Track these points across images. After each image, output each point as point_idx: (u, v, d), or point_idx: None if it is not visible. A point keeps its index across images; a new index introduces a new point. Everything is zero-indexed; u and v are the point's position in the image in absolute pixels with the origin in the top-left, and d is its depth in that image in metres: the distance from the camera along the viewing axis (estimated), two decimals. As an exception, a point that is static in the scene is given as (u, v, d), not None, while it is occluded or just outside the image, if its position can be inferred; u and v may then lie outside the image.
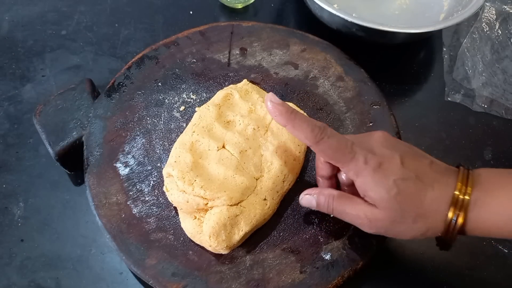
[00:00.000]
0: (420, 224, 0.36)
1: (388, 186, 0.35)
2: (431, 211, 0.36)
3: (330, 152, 0.37)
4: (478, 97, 0.59)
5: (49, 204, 0.49)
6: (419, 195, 0.35)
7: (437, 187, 0.36)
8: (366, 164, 0.36)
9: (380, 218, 0.36)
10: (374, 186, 0.36)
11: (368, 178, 0.36)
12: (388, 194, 0.35)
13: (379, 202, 0.36)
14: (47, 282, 0.45)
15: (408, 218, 0.36)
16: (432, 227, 0.36)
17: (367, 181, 0.36)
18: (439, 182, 0.36)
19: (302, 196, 0.42)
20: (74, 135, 0.48)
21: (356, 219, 0.38)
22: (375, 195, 0.36)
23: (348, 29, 0.56)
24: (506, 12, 0.65)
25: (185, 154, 0.43)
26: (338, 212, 0.39)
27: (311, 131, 0.36)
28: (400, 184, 0.35)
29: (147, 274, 0.41)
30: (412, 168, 0.36)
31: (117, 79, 0.52)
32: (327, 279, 0.41)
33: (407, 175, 0.36)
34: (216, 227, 0.40)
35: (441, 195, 0.35)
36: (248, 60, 0.55)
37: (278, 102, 0.37)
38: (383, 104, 0.52)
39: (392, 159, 0.36)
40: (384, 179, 0.35)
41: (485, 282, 0.47)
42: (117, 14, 0.64)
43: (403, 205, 0.35)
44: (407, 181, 0.35)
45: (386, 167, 0.36)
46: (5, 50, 0.60)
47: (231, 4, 0.65)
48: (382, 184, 0.35)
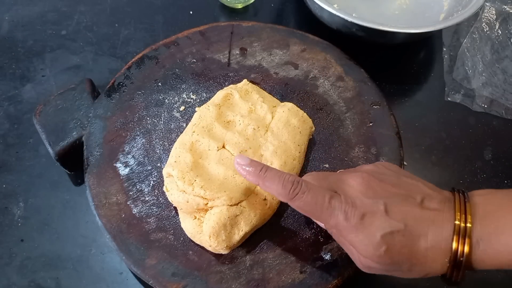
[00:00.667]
0: (417, 270, 0.34)
1: (376, 244, 0.32)
2: (428, 260, 0.33)
3: (307, 209, 0.35)
4: (478, 97, 0.59)
5: (49, 204, 0.49)
6: (411, 247, 0.32)
7: (431, 233, 0.33)
8: (347, 221, 0.33)
9: (374, 267, 0.34)
10: (360, 244, 0.33)
11: (352, 235, 0.33)
12: (377, 252, 0.32)
13: (369, 257, 0.33)
14: (47, 282, 0.45)
15: (402, 268, 0.33)
16: (431, 272, 0.33)
17: (352, 239, 0.34)
18: (433, 224, 0.33)
19: None
20: (74, 135, 0.48)
21: (351, 256, 0.36)
22: (363, 252, 0.33)
23: (348, 29, 0.56)
24: (506, 12, 0.65)
25: (185, 154, 0.43)
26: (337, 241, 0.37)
27: (282, 188, 0.34)
28: (389, 239, 0.32)
29: (147, 274, 0.41)
30: (399, 216, 0.33)
31: (117, 79, 0.52)
32: (327, 279, 0.41)
33: (395, 227, 0.32)
34: (216, 227, 0.40)
35: (437, 243, 0.32)
36: (248, 60, 0.55)
37: (245, 163, 0.36)
38: (383, 104, 0.52)
39: (376, 210, 0.33)
40: (370, 236, 0.33)
41: (485, 282, 0.47)
42: (117, 14, 0.64)
43: (395, 259, 0.33)
44: (395, 234, 0.32)
45: (370, 222, 0.33)
46: (5, 50, 0.60)
47: (231, 4, 0.65)
48: (368, 242, 0.33)
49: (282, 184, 0.35)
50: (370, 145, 0.49)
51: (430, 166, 0.54)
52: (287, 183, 0.35)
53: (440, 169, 0.54)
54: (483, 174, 0.53)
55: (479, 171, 0.54)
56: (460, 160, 0.55)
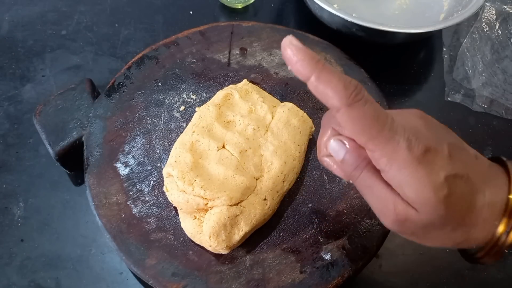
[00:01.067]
0: (460, 233, 0.29)
1: (437, 185, 0.27)
2: (480, 220, 0.29)
3: (363, 123, 0.27)
4: (478, 97, 0.59)
5: (49, 204, 0.49)
6: (471, 200, 0.29)
7: (488, 191, 0.29)
8: (410, 151, 0.27)
9: (414, 220, 0.28)
10: (416, 183, 0.27)
11: (409, 170, 0.27)
12: (436, 196, 0.27)
13: (419, 203, 0.28)
14: (47, 282, 0.45)
15: (448, 225, 0.29)
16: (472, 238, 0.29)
17: (407, 174, 0.27)
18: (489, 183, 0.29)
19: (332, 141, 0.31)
20: (74, 135, 0.48)
21: (381, 206, 0.29)
22: (416, 194, 0.27)
23: (348, 29, 0.56)
24: (506, 12, 0.65)
25: (185, 154, 0.43)
26: (363, 185, 0.30)
27: (344, 88, 0.27)
28: (452, 183, 0.27)
29: (147, 274, 0.41)
30: (462, 163, 0.29)
31: (117, 79, 0.52)
32: (327, 279, 0.41)
33: (460, 172, 0.28)
34: (216, 227, 0.40)
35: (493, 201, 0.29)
36: (248, 60, 0.55)
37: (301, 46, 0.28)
38: (383, 104, 0.52)
39: (440, 148, 0.28)
40: (431, 175, 0.27)
41: (485, 282, 0.47)
42: (117, 14, 0.64)
43: (451, 210, 0.28)
44: (459, 180, 0.28)
45: (433, 159, 0.28)
46: (5, 50, 0.60)
47: (231, 4, 0.65)
48: (429, 182, 0.27)
49: (343, 83, 0.27)
50: (370, 145, 0.49)
51: (430, 166, 0.54)
52: (349, 85, 0.27)
53: (440, 169, 0.54)
54: (483, 174, 0.53)
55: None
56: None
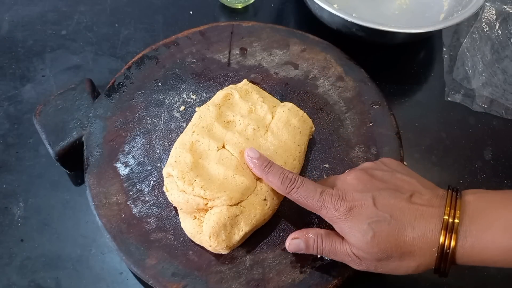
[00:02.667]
0: (408, 261, 0.36)
1: (363, 230, 0.35)
2: (417, 249, 0.35)
3: (301, 202, 0.39)
4: (478, 97, 0.59)
5: (49, 204, 0.49)
6: (398, 235, 0.35)
7: (418, 224, 0.35)
8: (336, 211, 0.37)
9: (366, 258, 0.36)
10: (350, 232, 0.36)
11: (342, 224, 0.37)
12: (365, 238, 0.35)
13: (359, 246, 0.36)
14: (47, 282, 0.45)
15: (393, 257, 0.36)
16: (422, 263, 0.36)
17: (342, 227, 0.37)
18: (421, 217, 0.35)
19: (289, 242, 0.41)
20: (74, 135, 0.48)
21: (345, 256, 0.38)
22: (353, 240, 0.36)
23: (348, 29, 0.56)
24: (506, 12, 0.65)
25: (185, 154, 0.43)
26: (328, 251, 0.39)
27: (281, 184, 0.39)
28: (375, 226, 0.35)
29: (147, 274, 0.41)
30: (386, 208, 0.36)
31: (117, 79, 0.52)
32: (327, 279, 0.41)
33: (381, 216, 0.35)
34: (216, 227, 0.40)
35: (424, 233, 0.35)
36: (248, 60, 0.55)
37: (254, 157, 0.42)
38: (383, 104, 0.52)
39: (364, 202, 0.36)
40: (358, 224, 0.36)
41: (485, 282, 0.47)
42: (117, 14, 0.64)
43: (382, 246, 0.35)
44: (381, 222, 0.35)
45: (358, 211, 0.36)
46: (5, 50, 0.60)
47: (231, 4, 0.65)
48: (357, 229, 0.36)
49: (281, 180, 0.40)
50: (370, 145, 0.49)
51: (430, 166, 0.54)
52: (285, 179, 0.39)
53: (440, 169, 0.54)
54: (483, 174, 0.53)
55: (479, 171, 0.54)
56: (460, 160, 0.55)
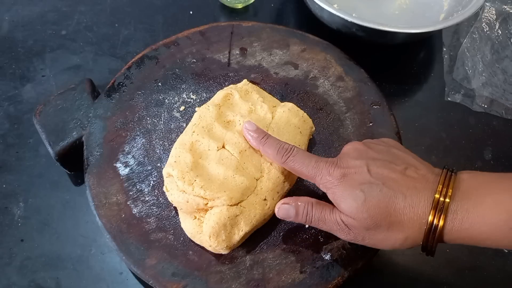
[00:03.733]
0: (396, 232, 0.36)
1: (355, 194, 0.36)
2: (406, 219, 0.35)
3: (297, 169, 0.40)
4: (478, 97, 0.59)
5: (49, 204, 0.49)
6: (389, 203, 0.35)
7: (410, 195, 0.35)
8: (330, 176, 0.37)
9: (355, 226, 0.37)
10: (341, 196, 0.37)
11: (335, 189, 0.37)
12: (356, 202, 0.36)
13: (349, 211, 0.36)
14: (47, 282, 0.45)
15: (382, 226, 0.36)
16: (410, 236, 0.36)
17: (335, 192, 0.37)
18: (414, 188, 0.35)
19: (279, 206, 0.41)
20: (74, 135, 0.48)
21: (334, 225, 0.38)
22: (344, 205, 0.37)
23: (348, 29, 0.56)
24: (506, 12, 0.65)
25: (185, 154, 0.43)
26: (317, 219, 0.39)
27: (277, 153, 0.40)
28: (367, 191, 0.35)
29: (147, 274, 0.41)
30: (379, 176, 0.36)
31: (117, 79, 0.52)
32: (327, 279, 0.41)
33: (374, 183, 0.36)
34: (216, 227, 0.40)
35: (415, 203, 0.35)
36: (248, 60, 0.55)
37: (252, 129, 0.43)
38: (383, 104, 0.52)
39: (358, 168, 0.37)
40: (350, 188, 0.36)
41: (485, 282, 0.47)
42: (117, 14, 0.64)
43: (372, 212, 0.35)
44: (374, 188, 0.35)
45: (351, 177, 0.37)
46: (5, 50, 0.60)
47: (231, 4, 0.65)
48: (349, 193, 0.36)
49: (277, 150, 0.41)
50: (370, 145, 0.49)
51: (430, 166, 0.54)
52: (281, 149, 0.40)
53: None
54: (483, 174, 0.53)
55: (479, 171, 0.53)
56: (460, 160, 0.55)
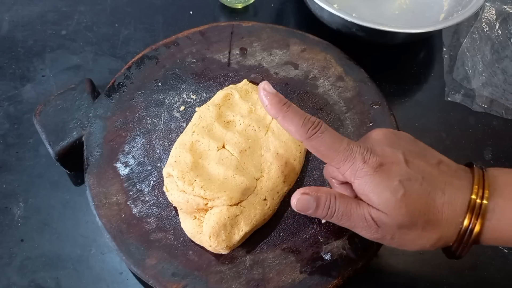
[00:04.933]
0: (431, 232, 0.32)
1: (393, 188, 0.32)
2: (443, 218, 0.32)
3: (323, 149, 0.33)
4: (478, 97, 0.59)
5: (49, 204, 0.49)
6: (428, 199, 0.32)
7: (448, 191, 0.32)
8: (365, 163, 0.32)
9: (387, 223, 0.32)
10: (376, 188, 0.32)
11: (369, 179, 0.32)
12: (394, 196, 0.31)
13: (384, 205, 0.32)
14: (47, 282, 0.45)
15: (417, 224, 0.32)
16: (444, 236, 0.33)
17: (368, 183, 0.32)
18: (450, 185, 0.33)
19: (297, 197, 0.35)
20: (74, 135, 0.48)
21: (360, 221, 0.33)
22: (378, 198, 0.32)
23: (348, 29, 0.56)
24: (506, 12, 0.65)
25: (185, 154, 0.43)
26: (341, 213, 0.34)
27: (302, 125, 0.33)
28: (407, 185, 0.32)
29: (147, 274, 0.41)
30: (418, 168, 0.33)
31: (117, 79, 0.52)
32: (327, 279, 0.41)
33: (413, 176, 0.32)
34: (216, 227, 0.40)
35: (453, 200, 0.32)
36: (248, 60, 0.55)
37: (272, 91, 0.34)
38: (383, 104, 0.52)
39: (395, 158, 0.33)
40: (388, 180, 0.32)
41: (485, 282, 0.47)
42: (117, 14, 0.64)
43: (411, 208, 0.32)
44: (413, 182, 0.32)
45: (389, 168, 0.32)
46: (5, 50, 0.60)
47: (231, 4, 0.65)
48: (386, 186, 0.32)
49: (302, 121, 0.33)
50: (370, 145, 0.49)
51: (430, 166, 0.54)
52: (307, 121, 0.33)
53: (440, 169, 0.54)
54: (483, 174, 0.53)
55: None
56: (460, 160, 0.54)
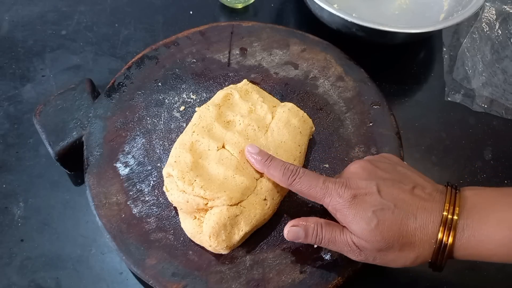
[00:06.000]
0: (408, 252, 0.36)
1: (367, 218, 0.35)
2: (417, 240, 0.35)
3: (304, 191, 0.39)
4: (478, 97, 0.59)
5: (49, 204, 0.49)
6: (401, 225, 0.35)
7: (420, 215, 0.35)
8: (340, 197, 0.37)
9: (367, 247, 0.36)
10: (353, 219, 0.36)
11: (346, 211, 0.36)
12: (369, 226, 0.35)
13: (361, 233, 0.36)
14: (47, 282, 0.45)
15: (394, 247, 0.36)
16: (421, 255, 0.36)
17: (346, 214, 0.37)
18: (422, 209, 0.36)
19: (288, 229, 0.39)
20: (74, 135, 0.48)
21: (345, 246, 0.38)
22: (356, 227, 0.36)
23: (348, 29, 0.56)
24: (506, 12, 0.65)
25: (185, 154, 0.43)
26: (327, 240, 0.38)
27: (283, 175, 0.39)
28: (379, 214, 0.35)
29: (147, 274, 0.41)
30: (390, 197, 0.36)
31: (117, 79, 0.52)
32: (327, 279, 0.41)
33: (385, 205, 0.36)
34: (216, 227, 0.40)
35: (425, 224, 0.35)
36: (248, 60, 0.55)
37: (255, 152, 0.42)
38: (383, 104, 0.52)
39: (368, 190, 0.37)
40: (362, 211, 0.36)
41: (485, 282, 0.47)
42: (117, 14, 0.64)
43: (385, 235, 0.35)
44: (386, 211, 0.35)
45: (362, 199, 0.36)
46: (5, 50, 0.60)
47: (231, 4, 0.65)
48: (361, 216, 0.36)
49: (283, 172, 0.40)
50: (370, 145, 0.49)
51: (430, 166, 0.54)
52: (286, 171, 0.40)
53: (440, 169, 0.54)
54: (483, 174, 0.53)
55: (479, 171, 0.54)
56: (460, 160, 0.55)
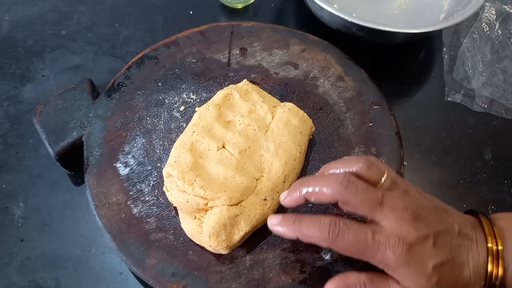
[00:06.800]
0: None
1: (427, 275, 0.32)
2: (469, 285, 0.34)
3: (351, 249, 0.33)
4: (478, 97, 0.59)
5: (49, 204, 0.49)
6: (458, 276, 0.33)
7: (471, 260, 0.34)
8: (395, 255, 0.32)
9: None
10: (410, 276, 0.32)
11: (402, 269, 0.33)
12: (429, 283, 0.32)
13: None
14: (47, 282, 0.45)
15: None
16: None
17: (401, 272, 0.33)
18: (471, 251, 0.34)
19: None
20: (74, 135, 0.48)
21: None
22: (412, 284, 0.33)
23: (348, 29, 0.56)
24: (506, 12, 0.65)
25: (185, 154, 0.43)
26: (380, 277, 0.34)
27: (321, 233, 0.33)
28: (439, 270, 0.32)
29: (147, 274, 0.41)
30: (446, 248, 0.33)
31: (117, 79, 0.52)
32: (327, 279, 0.41)
33: (445, 258, 0.33)
34: (216, 227, 0.40)
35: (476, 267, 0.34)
36: (248, 60, 0.55)
37: (277, 222, 0.36)
38: (383, 104, 0.52)
39: (425, 241, 0.33)
40: (421, 268, 0.32)
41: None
42: (117, 14, 0.64)
43: None
44: (445, 265, 0.33)
45: (420, 254, 0.32)
46: (5, 50, 0.60)
47: (231, 4, 0.65)
48: (420, 273, 0.32)
49: (319, 228, 0.33)
50: (370, 145, 0.49)
51: (430, 166, 0.54)
52: (324, 226, 0.33)
53: (440, 169, 0.54)
54: (483, 174, 0.53)
55: (479, 171, 0.54)
56: (460, 160, 0.55)
